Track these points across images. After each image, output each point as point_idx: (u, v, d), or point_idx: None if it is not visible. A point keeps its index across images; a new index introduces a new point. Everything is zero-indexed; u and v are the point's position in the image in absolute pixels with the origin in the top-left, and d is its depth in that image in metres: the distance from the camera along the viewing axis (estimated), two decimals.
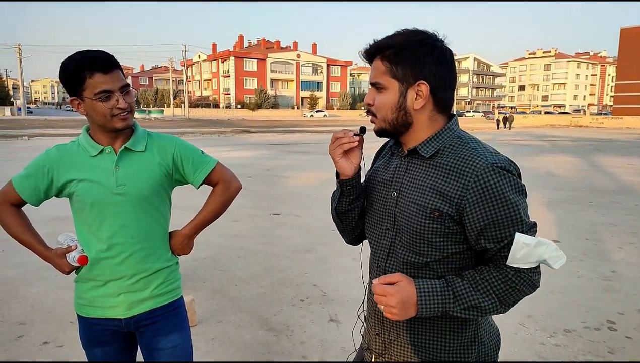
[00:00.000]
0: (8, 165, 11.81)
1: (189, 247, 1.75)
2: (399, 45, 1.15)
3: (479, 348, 1.22)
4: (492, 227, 1.09)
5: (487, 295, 1.10)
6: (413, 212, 1.16)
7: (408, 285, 1.09)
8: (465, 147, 1.15)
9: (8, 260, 4.64)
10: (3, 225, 1.62)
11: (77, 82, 1.47)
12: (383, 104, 1.18)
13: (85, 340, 1.65)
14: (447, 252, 1.15)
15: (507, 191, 1.09)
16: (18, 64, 53.97)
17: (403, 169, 1.23)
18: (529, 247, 1.07)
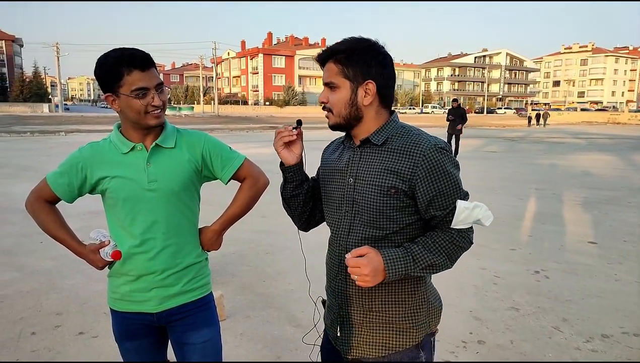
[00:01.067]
0: (47, 160, 12.26)
1: (218, 242, 1.76)
2: (350, 49, 1.33)
3: (427, 308, 1.43)
4: (439, 197, 1.30)
5: (439, 254, 1.31)
6: (372, 193, 1.34)
7: (376, 255, 1.26)
8: (410, 133, 1.36)
9: (46, 252, 4.81)
10: (38, 221, 1.65)
11: (114, 79, 1.49)
12: (338, 101, 1.36)
13: (118, 333, 1.69)
14: (403, 223, 1.35)
15: (448, 166, 1.31)
16: (56, 62, 55.93)
17: (357, 158, 1.40)
18: (469, 210, 1.31)
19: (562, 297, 3.86)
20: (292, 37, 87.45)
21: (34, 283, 4.02)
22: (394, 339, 1.40)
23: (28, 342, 3.03)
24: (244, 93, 79.76)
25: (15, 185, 8.60)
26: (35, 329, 3.21)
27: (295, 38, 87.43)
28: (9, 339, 3.06)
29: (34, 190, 1.66)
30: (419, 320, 1.41)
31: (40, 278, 4.15)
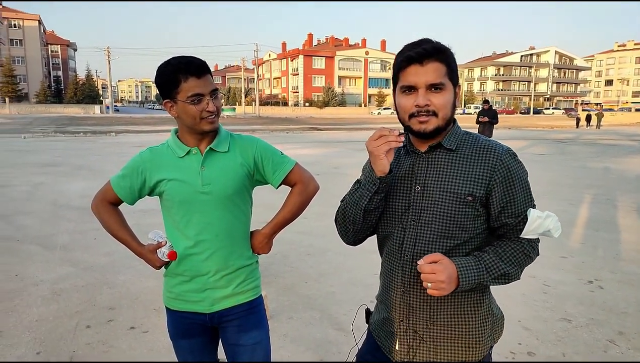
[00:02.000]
0: (99, 159, 12.85)
1: (268, 246, 1.80)
2: (448, 50, 1.28)
3: (492, 320, 1.40)
4: (512, 204, 1.28)
5: (511, 264, 1.28)
6: (446, 200, 1.29)
7: (450, 262, 1.23)
8: (478, 139, 1.33)
9: (100, 248, 5.04)
10: (102, 222, 1.74)
11: (172, 86, 1.55)
12: (446, 103, 1.28)
13: (173, 331, 1.75)
14: (474, 232, 1.31)
15: (522, 173, 1.31)
16: (107, 65, 58.56)
17: (424, 164, 1.34)
18: (541, 219, 1.26)
19: (617, 309, 3.66)
20: (332, 38, 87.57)
21: (89, 278, 4.22)
22: (457, 354, 1.35)
23: (83, 335, 3.18)
24: (284, 94, 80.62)
25: (71, 183, 9.07)
26: (90, 323, 3.36)
27: (335, 39, 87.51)
28: (66, 332, 3.23)
29: (99, 192, 1.75)
30: (484, 335, 1.36)
31: (94, 273, 4.35)
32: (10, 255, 4.87)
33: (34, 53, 68.98)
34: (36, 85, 64.20)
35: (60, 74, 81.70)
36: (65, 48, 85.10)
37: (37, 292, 3.90)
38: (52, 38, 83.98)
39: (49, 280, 4.17)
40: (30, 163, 11.95)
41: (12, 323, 3.34)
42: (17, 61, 65.35)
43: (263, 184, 1.80)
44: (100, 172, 10.42)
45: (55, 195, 7.95)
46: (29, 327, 3.29)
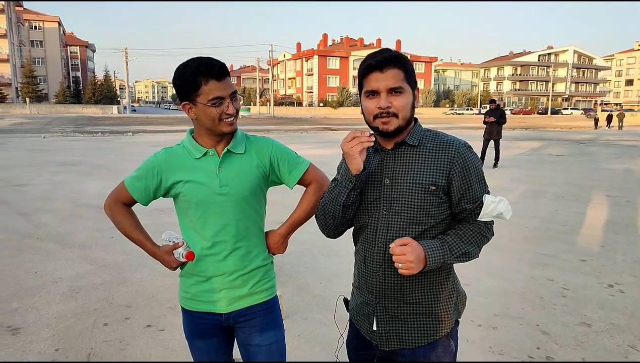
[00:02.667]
0: (117, 159, 13.03)
1: (284, 246, 1.80)
2: (404, 57, 1.44)
3: (457, 295, 1.56)
4: (470, 191, 1.44)
5: (470, 244, 1.45)
6: (413, 191, 1.43)
7: (418, 245, 1.37)
8: (438, 135, 1.49)
9: (116, 246, 5.11)
10: (116, 223, 1.73)
11: (192, 88, 1.54)
12: (406, 104, 1.43)
13: (189, 331, 1.75)
14: (438, 218, 1.46)
15: (477, 163, 1.47)
16: (124, 66, 59.36)
17: (391, 160, 1.48)
18: (494, 203, 1.44)
19: (639, 314, 3.58)
20: (347, 38, 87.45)
21: (106, 276, 4.27)
22: (432, 327, 1.50)
23: (101, 333, 3.22)
24: (298, 94, 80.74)
25: (89, 182, 9.22)
26: (107, 320, 3.41)
27: (350, 39, 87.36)
28: (84, 329, 3.27)
29: (112, 193, 1.74)
30: (451, 309, 1.53)
31: (112, 271, 4.41)
32: (31, 252, 4.96)
33: (53, 54, 70.30)
34: (56, 86, 65.39)
35: (79, 74, 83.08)
36: (84, 49, 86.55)
37: (56, 290, 3.96)
38: (72, 39, 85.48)
39: (68, 277, 4.24)
40: (50, 162, 12.17)
41: (31, 319, 3.41)
42: (37, 62, 66.65)
43: (278, 185, 1.81)
44: (117, 172, 10.56)
45: (74, 194, 8.08)
46: (48, 323, 3.35)
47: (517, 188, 9.01)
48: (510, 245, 5.35)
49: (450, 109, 73.88)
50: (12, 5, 58.51)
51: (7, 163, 11.83)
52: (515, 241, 5.54)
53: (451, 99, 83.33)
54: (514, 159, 14.17)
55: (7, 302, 3.71)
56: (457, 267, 1.60)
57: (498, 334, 3.25)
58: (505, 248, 5.22)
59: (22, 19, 64.72)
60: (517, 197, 8.11)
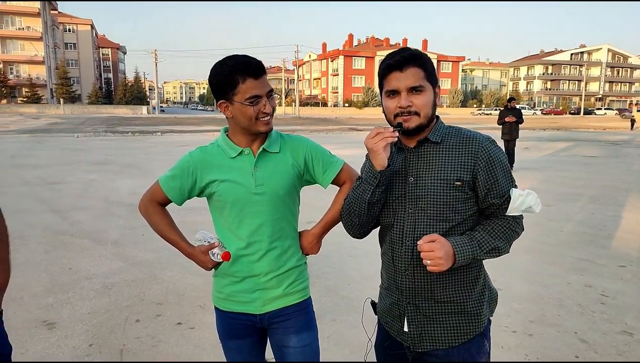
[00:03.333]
0: (147, 158, 13.29)
1: (317, 246, 1.78)
2: (425, 56, 1.45)
3: (488, 293, 1.54)
4: (496, 185, 1.42)
5: (500, 239, 1.43)
6: (438, 187, 1.42)
7: (446, 241, 1.35)
8: (461, 131, 1.49)
9: (148, 244, 5.19)
10: (151, 223, 1.73)
11: (229, 86, 1.53)
12: (426, 103, 1.43)
13: (222, 331, 1.74)
14: (466, 214, 1.44)
15: (502, 157, 1.46)
16: (154, 67, 60.63)
17: (415, 158, 1.48)
18: (523, 197, 1.42)
19: None
20: (372, 38, 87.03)
21: (138, 273, 4.34)
22: (465, 326, 1.47)
23: (133, 329, 3.27)
24: (324, 95, 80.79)
25: (121, 181, 9.42)
26: (139, 317, 3.45)
27: (376, 39, 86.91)
28: (117, 325, 3.33)
29: (147, 193, 1.73)
30: (483, 307, 1.50)
31: (143, 268, 4.48)
32: (65, 249, 5.09)
33: (86, 56, 72.36)
34: (88, 87, 67.31)
35: (111, 76, 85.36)
36: (115, 51, 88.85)
37: (90, 286, 4.05)
38: (104, 42, 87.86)
39: (101, 274, 4.33)
40: (83, 161, 12.51)
41: (66, 315, 3.48)
42: (71, 64, 68.75)
43: (312, 184, 1.78)
44: (147, 171, 10.77)
45: (106, 192, 8.27)
46: (82, 319, 3.41)
47: (550, 191, 8.75)
48: (544, 249, 5.19)
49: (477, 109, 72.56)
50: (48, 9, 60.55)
51: (43, 162, 12.22)
52: (550, 245, 5.37)
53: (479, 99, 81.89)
54: (546, 160, 13.78)
55: (43, 296, 3.81)
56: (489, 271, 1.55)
57: (534, 341, 3.14)
58: (539, 252, 5.06)
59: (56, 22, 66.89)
60: (551, 200, 7.87)
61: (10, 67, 56.51)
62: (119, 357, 2.90)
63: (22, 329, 3.21)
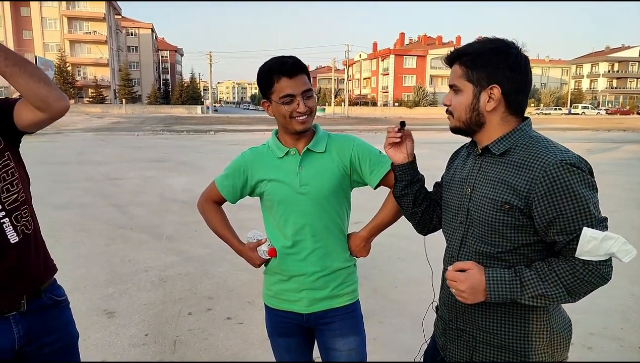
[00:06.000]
0: (200, 156, 13.76)
1: (366, 249, 1.77)
2: (476, 52, 1.29)
3: (550, 336, 1.29)
4: (560, 220, 1.17)
5: (554, 285, 1.18)
6: (486, 206, 1.28)
7: (478, 272, 1.23)
8: (536, 145, 1.24)
9: (200, 240, 5.37)
10: (207, 220, 1.80)
11: (268, 86, 1.59)
12: (459, 104, 1.32)
13: (270, 328, 1.78)
14: (517, 243, 1.25)
15: (576, 186, 1.15)
16: (208, 68, 62.77)
17: (477, 167, 1.35)
18: (597, 241, 1.13)
19: None
20: (424, 36, 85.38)
21: (190, 268, 4.51)
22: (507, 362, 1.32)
23: (185, 321, 3.40)
24: (373, 94, 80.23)
25: (175, 178, 9.82)
26: (192, 310, 3.58)
27: (428, 37, 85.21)
28: (171, 316, 3.47)
29: (204, 192, 1.81)
30: (537, 348, 1.29)
31: (195, 263, 4.64)
32: (124, 242, 5.37)
33: (147, 58, 76.07)
34: (148, 88, 70.68)
35: (169, 77, 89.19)
36: (173, 53, 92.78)
37: (147, 278, 4.25)
38: (163, 44, 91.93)
39: (157, 267, 4.53)
40: (142, 158, 13.15)
41: (124, 304, 3.68)
42: (132, 66, 72.43)
43: (361, 185, 1.77)
44: (201, 168, 11.15)
45: (162, 189, 8.64)
46: (138, 309, 3.59)
47: (615, 196, 8.22)
48: None
49: (535, 109, 69.35)
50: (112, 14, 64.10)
51: (106, 159, 12.96)
52: None
53: (537, 98, 78.29)
54: (610, 163, 12.95)
55: (104, 286, 4.05)
56: None
57: (594, 355, 2.97)
58: None
59: (120, 26, 70.77)
60: (617, 205, 7.39)
61: (78, 69, 60.39)
62: (172, 349, 3.03)
63: (84, 317, 3.42)
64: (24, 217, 1.50)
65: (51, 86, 1.34)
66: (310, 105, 1.58)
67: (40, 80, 1.31)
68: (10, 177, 1.47)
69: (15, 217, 1.47)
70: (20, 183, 1.51)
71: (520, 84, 1.28)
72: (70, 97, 55.77)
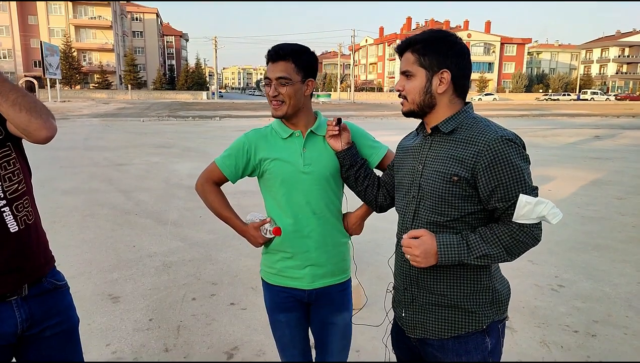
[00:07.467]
0: (205, 142, 13.77)
1: (360, 227, 1.88)
2: (426, 40, 1.42)
3: (492, 295, 1.46)
4: (500, 188, 1.33)
5: (496, 246, 1.35)
6: (436, 179, 1.40)
7: (430, 238, 1.36)
8: (479, 124, 1.40)
9: (204, 226, 5.39)
10: (207, 202, 1.83)
11: None
12: (413, 88, 1.44)
13: (271, 304, 1.84)
14: (464, 211, 1.39)
15: (513, 158, 1.33)
16: (214, 54, 62.46)
17: (427, 146, 1.47)
18: (531, 205, 1.29)
19: None
20: (432, 20, 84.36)
21: (194, 254, 4.53)
22: (457, 320, 1.44)
23: (189, 307, 3.42)
24: (379, 80, 79.62)
25: (181, 164, 9.84)
26: (196, 295, 3.61)
27: (435, 22, 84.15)
28: (175, 302, 3.50)
29: (203, 173, 1.83)
30: (483, 305, 1.44)
31: (200, 249, 4.66)
32: (129, 227, 5.40)
33: (152, 44, 75.70)
34: (153, 73, 70.51)
35: (174, 62, 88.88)
36: (178, 39, 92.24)
37: (151, 263, 4.27)
38: (168, 30, 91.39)
39: (161, 252, 4.56)
40: (147, 144, 13.17)
41: (129, 289, 3.70)
42: (137, 51, 72.26)
43: None
44: (205, 154, 11.16)
45: (167, 174, 8.67)
46: (143, 294, 3.62)
47: (622, 183, 8.14)
48: (613, 246, 4.85)
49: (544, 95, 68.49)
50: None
51: (112, 144, 12.99)
52: (620, 241, 5.01)
53: (545, 84, 77.30)
54: (619, 150, 12.81)
55: (109, 271, 4.07)
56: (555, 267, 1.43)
57: (597, 343, 2.96)
58: (608, 249, 4.74)
59: (125, 11, 70.33)
60: (623, 193, 7.33)
61: (84, 55, 60.31)
62: (176, 333, 3.05)
63: (89, 301, 3.45)
64: (25, 207, 1.51)
65: (33, 115, 1.32)
66: (281, 92, 1.63)
67: (22, 110, 1.30)
68: (11, 166, 1.47)
69: (16, 207, 1.47)
70: (22, 174, 1.51)
71: (466, 70, 1.44)
72: (76, 83, 55.81)
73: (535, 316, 3.29)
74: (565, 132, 18.38)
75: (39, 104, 1.35)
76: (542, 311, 3.38)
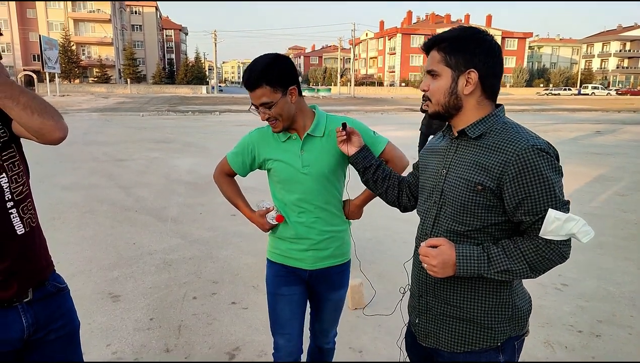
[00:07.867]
0: (205, 137, 13.71)
1: (359, 213, 2.05)
2: (453, 38, 1.34)
3: (512, 311, 1.38)
4: (528, 201, 1.24)
5: (519, 261, 1.27)
6: (459, 186, 1.33)
7: (449, 248, 1.30)
8: (510, 130, 1.30)
9: (204, 222, 5.35)
10: (221, 190, 2.07)
11: None
12: (437, 89, 1.36)
13: (275, 280, 1.98)
14: (486, 222, 1.32)
15: (544, 169, 1.23)
16: (213, 48, 62.13)
17: (453, 150, 1.40)
18: (560, 222, 1.21)
19: None
20: (432, 14, 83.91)
21: (195, 251, 4.50)
22: (471, 335, 1.39)
23: (190, 306, 3.39)
24: (380, 74, 79.32)
25: (181, 159, 9.79)
26: (196, 294, 3.58)
27: (436, 16, 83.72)
28: (175, 300, 3.47)
29: (218, 166, 2.05)
30: (500, 321, 1.38)
31: (200, 246, 4.63)
32: (130, 224, 5.37)
33: (151, 37, 75.34)
34: (153, 68, 70.21)
35: (173, 56, 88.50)
36: (177, 32, 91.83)
37: (152, 261, 4.24)
38: (167, 23, 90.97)
39: (162, 250, 4.53)
40: (147, 139, 13.11)
41: (129, 288, 3.68)
42: (136, 45, 71.90)
43: None
44: (205, 149, 11.11)
45: (167, 170, 8.62)
46: (144, 293, 3.59)
47: (624, 179, 8.11)
48: (617, 244, 4.82)
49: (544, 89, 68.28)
50: None
51: (111, 139, 12.94)
52: (623, 239, 4.98)
53: (546, 78, 77.07)
54: (620, 145, 12.77)
55: (109, 269, 4.05)
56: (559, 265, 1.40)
57: (602, 343, 2.93)
58: (611, 247, 4.71)
59: (124, 4, 69.93)
60: (625, 189, 7.29)
61: (83, 49, 60.04)
62: (177, 333, 3.02)
63: (89, 300, 3.42)
64: (29, 209, 1.50)
65: (45, 117, 1.30)
66: (270, 113, 1.73)
67: (34, 113, 1.27)
68: (16, 168, 1.46)
69: (22, 209, 1.47)
70: (24, 176, 1.51)
71: (495, 69, 1.34)
72: (75, 77, 55.61)
73: (540, 315, 3.27)
74: (566, 127, 18.32)
75: (49, 105, 1.33)
76: (546, 310, 3.36)
